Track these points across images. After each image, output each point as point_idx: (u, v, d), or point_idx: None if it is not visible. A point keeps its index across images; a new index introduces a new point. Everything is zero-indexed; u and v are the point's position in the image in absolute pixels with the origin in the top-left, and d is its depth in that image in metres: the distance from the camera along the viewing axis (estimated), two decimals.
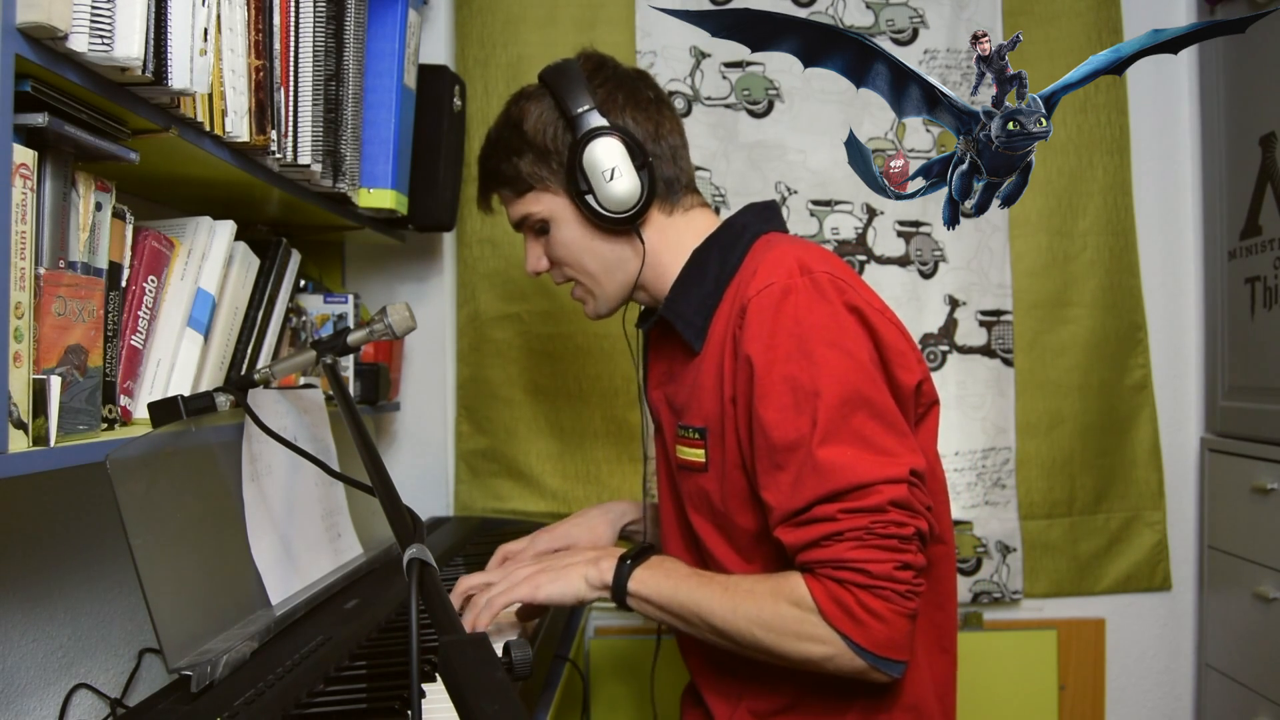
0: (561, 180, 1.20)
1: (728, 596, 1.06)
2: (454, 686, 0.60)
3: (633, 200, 1.17)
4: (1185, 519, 2.08)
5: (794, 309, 1.05)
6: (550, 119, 1.20)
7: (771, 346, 1.05)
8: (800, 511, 1.02)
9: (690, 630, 1.11)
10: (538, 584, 1.12)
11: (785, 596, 1.02)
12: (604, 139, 1.16)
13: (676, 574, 1.12)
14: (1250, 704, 1.84)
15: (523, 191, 1.23)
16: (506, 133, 1.24)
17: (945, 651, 1.17)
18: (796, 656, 1.03)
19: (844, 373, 1.03)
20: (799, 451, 1.03)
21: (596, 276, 1.24)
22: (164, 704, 0.95)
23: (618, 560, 1.12)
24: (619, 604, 1.12)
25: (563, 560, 1.16)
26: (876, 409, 1.04)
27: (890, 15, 2.01)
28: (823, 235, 2.00)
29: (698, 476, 1.17)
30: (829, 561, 1.00)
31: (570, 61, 1.22)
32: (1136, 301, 2.04)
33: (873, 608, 0.98)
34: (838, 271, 1.09)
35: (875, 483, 1.00)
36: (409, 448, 2.07)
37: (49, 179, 0.86)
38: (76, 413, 0.90)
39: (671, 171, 1.22)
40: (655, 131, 1.21)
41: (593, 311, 1.29)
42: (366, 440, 0.97)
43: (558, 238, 1.23)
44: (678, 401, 1.21)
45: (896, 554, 0.99)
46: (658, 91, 1.25)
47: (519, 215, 1.26)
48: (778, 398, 1.04)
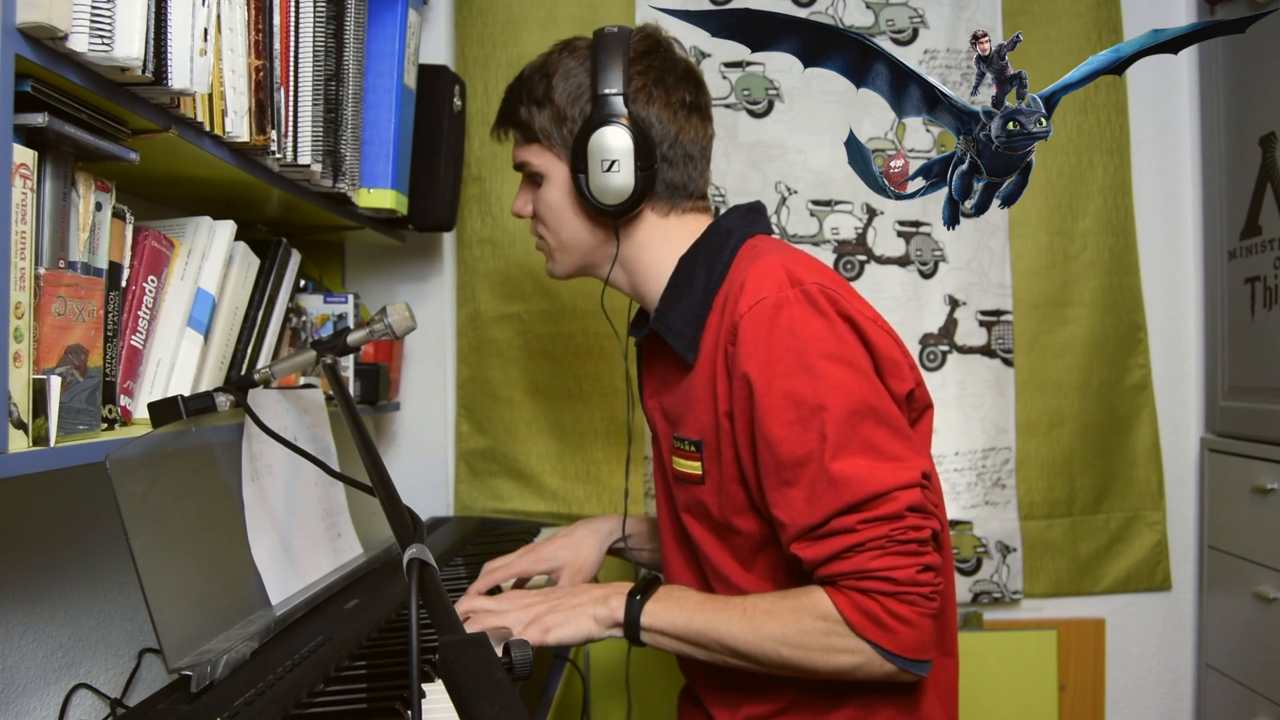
0: (566, 148, 1.20)
1: (747, 619, 1.05)
2: (454, 686, 0.60)
3: (621, 196, 1.16)
4: (1185, 519, 2.07)
5: (789, 323, 1.04)
6: (579, 85, 1.19)
7: (769, 363, 1.04)
8: (818, 526, 1.02)
9: (710, 657, 1.09)
10: (547, 627, 1.10)
11: (809, 612, 1.02)
12: (617, 129, 1.15)
13: (689, 603, 1.10)
14: (1250, 704, 1.84)
15: (530, 141, 1.24)
16: (537, 78, 1.23)
17: (948, 654, 1.16)
18: (826, 669, 1.03)
19: (848, 384, 1.03)
20: (809, 466, 1.02)
21: (565, 245, 1.25)
22: (164, 704, 0.95)
23: (627, 596, 1.11)
24: (632, 640, 1.11)
25: (571, 600, 1.13)
26: (882, 416, 1.04)
27: (890, 15, 2.01)
28: (823, 235, 2.00)
29: (694, 488, 1.16)
30: (853, 573, 1.00)
31: (624, 33, 1.19)
32: (1136, 301, 2.04)
33: (900, 613, 0.99)
34: (827, 281, 1.08)
35: (891, 490, 1.00)
36: (409, 448, 2.07)
37: (49, 179, 0.86)
38: (76, 413, 0.90)
39: (679, 178, 1.20)
40: (675, 135, 1.19)
41: (550, 270, 1.31)
42: (366, 440, 0.97)
43: (544, 197, 1.24)
44: (673, 412, 1.20)
45: (917, 557, 0.99)
46: (696, 96, 1.22)
47: (520, 160, 1.26)
48: (781, 414, 1.03)
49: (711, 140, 1.25)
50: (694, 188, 1.23)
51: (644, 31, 1.22)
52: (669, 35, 1.25)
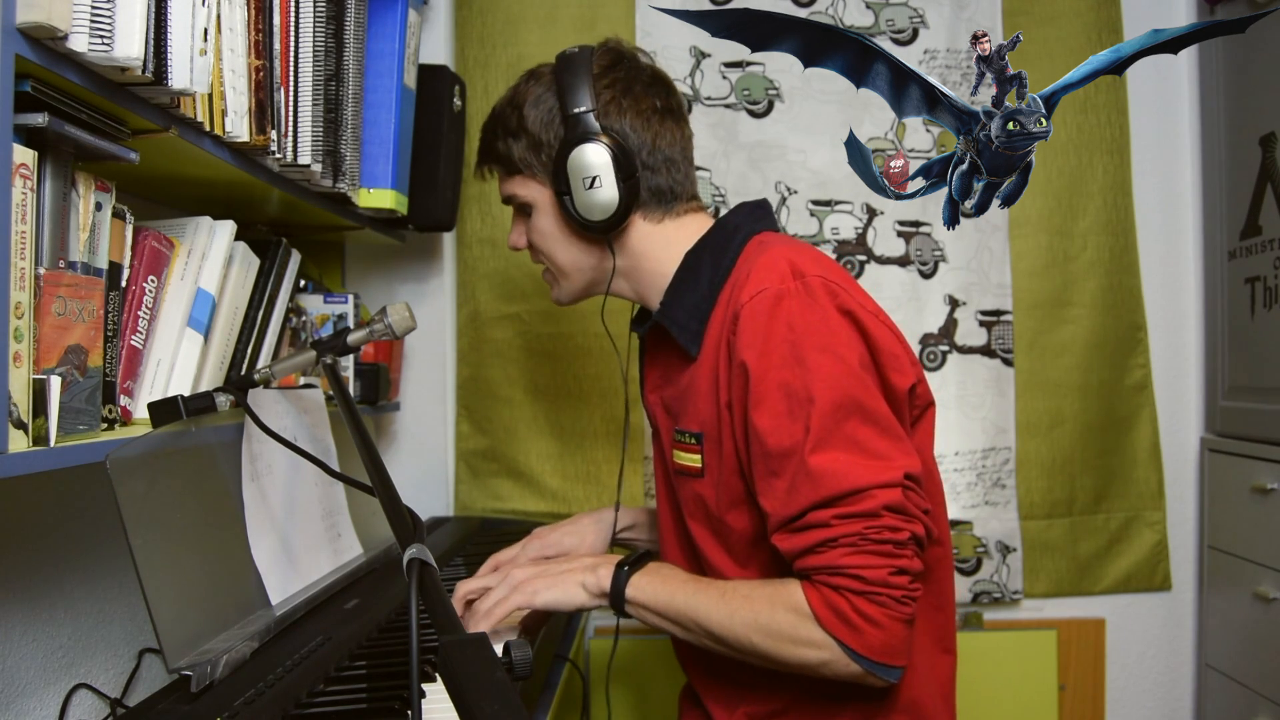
0: (548, 173, 1.20)
1: (725, 602, 1.06)
2: (454, 686, 0.60)
3: (608, 211, 1.17)
4: (1185, 519, 2.07)
5: (787, 314, 1.05)
6: (549, 110, 1.20)
7: (766, 353, 1.05)
8: (795, 518, 1.02)
9: (687, 636, 1.10)
10: (535, 589, 1.12)
11: (782, 602, 1.03)
12: (593, 145, 1.15)
13: (674, 580, 1.11)
14: (1250, 704, 1.84)
15: (512, 173, 1.25)
16: (508, 111, 1.24)
17: (947, 652, 1.17)
18: (793, 661, 1.03)
19: (836, 378, 1.03)
20: (793, 458, 1.02)
21: (564, 270, 1.26)
22: (164, 704, 0.95)
23: (615, 566, 1.12)
24: (617, 610, 1.12)
25: (560, 566, 1.15)
26: (869, 413, 1.03)
27: (890, 15, 2.01)
28: (823, 235, 2.00)
29: (694, 482, 1.16)
30: (824, 568, 1.00)
31: (586, 52, 1.20)
32: (1136, 301, 2.04)
33: (868, 613, 0.98)
34: (830, 274, 1.09)
35: (868, 488, 0.99)
36: (409, 448, 2.07)
37: (49, 179, 0.86)
38: (76, 413, 0.90)
39: (664, 183, 1.21)
40: (652, 142, 1.19)
41: (555, 297, 1.31)
42: (366, 440, 0.97)
43: (536, 225, 1.25)
44: (674, 406, 1.21)
45: (891, 559, 0.98)
46: (667, 100, 1.22)
47: (506, 194, 1.27)
48: (772, 404, 1.04)
49: (690, 141, 1.25)
50: (681, 190, 1.23)
51: (605, 46, 1.23)
52: (631, 47, 1.25)
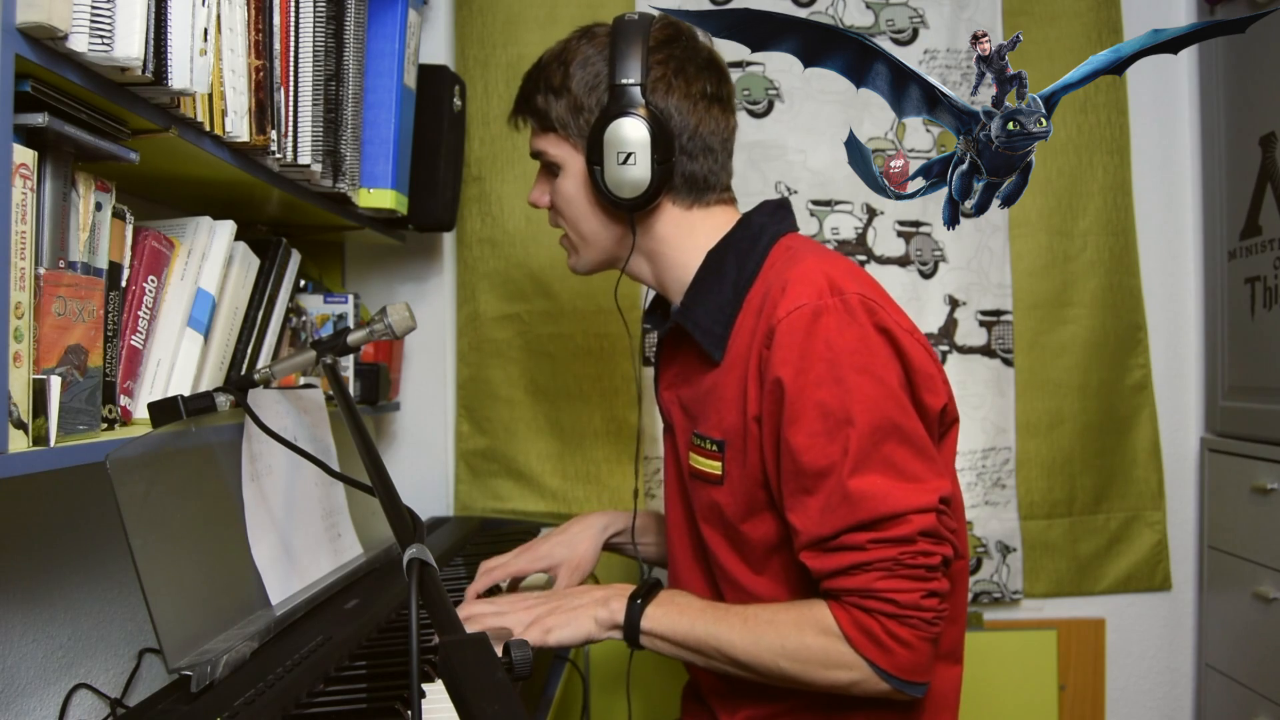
0: (583, 138, 1.17)
1: (748, 629, 1.05)
2: (454, 686, 0.60)
3: (638, 190, 1.13)
4: (1185, 519, 2.07)
5: (825, 332, 1.03)
6: (596, 75, 1.16)
7: (803, 370, 1.03)
8: (829, 539, 1.01)
9: (708, 664, 1.09)
10: (548, 628, 1.10)
11: (810, 625, 1.02)
12: (633, 120, 1.12)
13: (691, 609, 1.10)
14: (1250, 704, 1.84)
15: (546, 130, 1.21)
16: (555, 66, 1.20)
17: (958, 662, 1.16)
18: (823, 684, 1.03)
19: (875, 400, 1.02)
20: (830, 479, 1.01)
21: (585, 239, 1.23)
22: (164, 704, 0.95)
23: (628, 599, 1.11)
24: (631, 644, 1.11)
25: (572, 601, 1.13)
26: (906, 435, 1.03)
27: (890, 15, 2.01)
28: (823, 235, 2.00)
29: (711, 488, 1.15)
30: (856, 590, 1.00)
31: (645, 21, 1.15)
32: (1136, 301, 2.04)
33: (899, 635, 0.98)
34: (868, 291, 1.07)
35: (905, 513, 0.99)
36: (409, 448, 2.07)
37: (49, 179, 0.86)
38: (76, 413, 0.90)
39: (700, 170, 1.18)
40: (695, 127, 1.16)
41: (572, 265, 1.28)
42: (366, 440, 0.97)
43: (561, 188, 1.22)
44: (693, 408, 1.19)
45: (924, 583, 0.99)
46: (718, 87, 1.19)
47: (536, 148, 1.24)
48: (809, 423, 1.02)
49: (734, 132, 1.22)
50: (715, 180, 1.20)
51: (667, 20, 1.19)
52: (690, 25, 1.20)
